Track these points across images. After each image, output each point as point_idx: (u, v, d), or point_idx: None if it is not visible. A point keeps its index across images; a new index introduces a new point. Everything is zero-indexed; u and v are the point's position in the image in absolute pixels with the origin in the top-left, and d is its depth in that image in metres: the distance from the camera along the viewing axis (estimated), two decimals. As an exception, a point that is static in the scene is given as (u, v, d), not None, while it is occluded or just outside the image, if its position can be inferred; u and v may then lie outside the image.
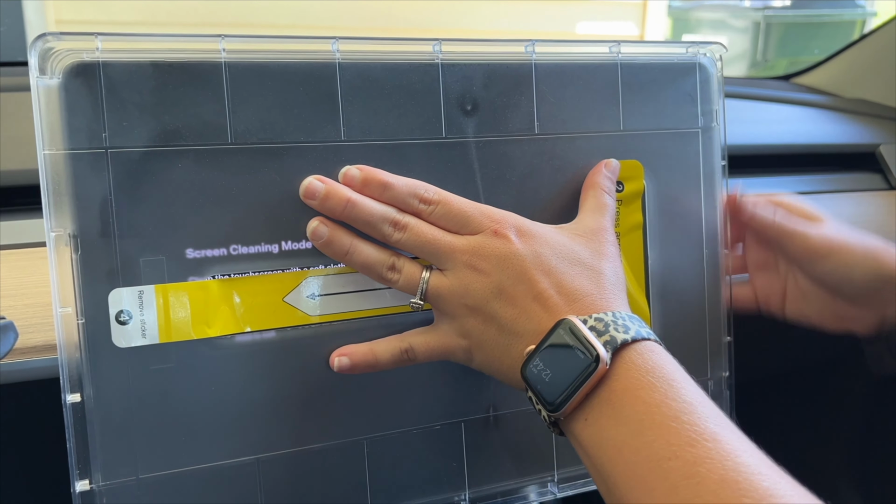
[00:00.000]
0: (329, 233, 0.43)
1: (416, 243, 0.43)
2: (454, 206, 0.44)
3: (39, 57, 0.38)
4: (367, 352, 0.44)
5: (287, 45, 0.43)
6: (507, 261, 0.42)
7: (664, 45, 0.52)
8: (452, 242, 0.43)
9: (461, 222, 0.43)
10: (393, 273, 0.44)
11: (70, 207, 0.39)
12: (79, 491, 0.40)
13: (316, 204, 0.43)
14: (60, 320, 0.39)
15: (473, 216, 0.43)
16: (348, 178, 0.43)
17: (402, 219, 0.43)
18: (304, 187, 0.43)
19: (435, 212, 0.44)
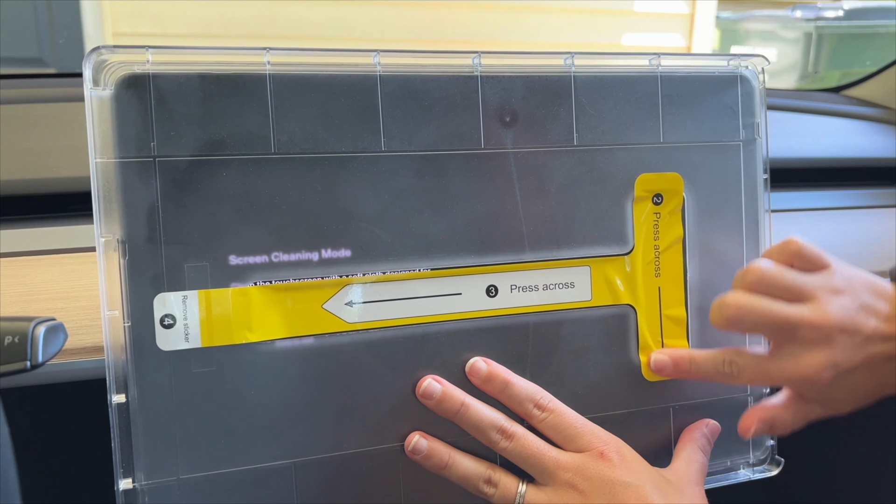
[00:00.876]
0: (428, 447, 0.45)
1: (521, 454, 0.45)
2: (566, 418, 0.46)
3: (93, 69, 0.40)
4: None
5: (329, 58, 0.44)
6: (609, 485, 0.43)
7: (705, 58, 0.52)
8: (557, 458, 0.44)
9: (569, 437, 0.45)
10: (489, 487, 0.45)
11: (119, 214, 0.41)
12: (122, 489, 0.41)
13: (432, 404, 0.45)
14: (108, 323, 0.41)
15: (583, 433, 0.45)
16: (474, 371, 0.46)
17: (510, 427, 0.45)
18: (423, 388, 0.45)
19: (547, 420, 0.45)
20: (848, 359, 0.43)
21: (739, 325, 0.44)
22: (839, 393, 0.45)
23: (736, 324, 0.44)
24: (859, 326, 0.43)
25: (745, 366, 0.46)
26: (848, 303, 0.43)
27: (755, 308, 0.43)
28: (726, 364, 0.47)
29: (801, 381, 0.44)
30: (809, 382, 0.44)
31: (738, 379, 0.47)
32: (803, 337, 0.43)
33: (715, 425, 0.52)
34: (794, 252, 0.46)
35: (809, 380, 0.44)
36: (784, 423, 0.48)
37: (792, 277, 0.44)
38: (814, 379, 0.43)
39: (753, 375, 0.46)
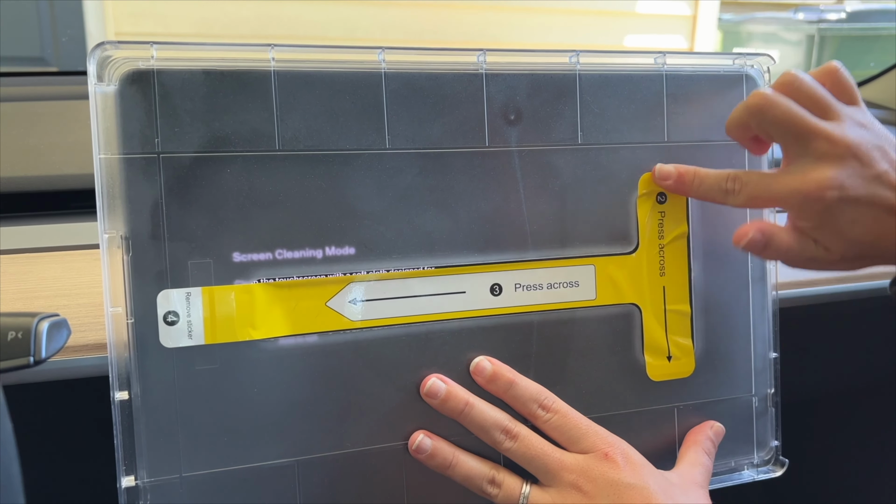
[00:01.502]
0: (433, 446, 0.45)
1: (524, 455, 0.45)
2: (571, 419, 0.46)
3: (98, 64, 0.40)
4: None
5: (334, 55, 0.44)
6: (613, 487, 0.43)
7: (710, 57, 0.52)
8: (561, 459, 0.44)
9: (574, 438, 0.45)
10: (492, 487, 0.45)
11: (123, 210, 0.41)
12: (124, 486, 0.41)
13: (436, 403, 0.45)
14: (111, 320, 0.41)
15: (588, 434, 0.45)
16: (479, 370, 0.46)
17: (514, 428, 0.45)
18: (427, 387, 0.45)
19: (551, 420, 0.45)
20: (854, 186, 0.41)
21: (760, 118, 0.43)
22: (837, 224, 0.42)
23: (756, 115, 0.43)
24: (873, 161, 0.42)
25: (749, 181, 0.45)
26: (867, 136, 0.43)
27: (780, 104, 0.43)
28: (729, 180, 0.45)
29: (804, 198, 0.42)
30: (811, 200, 0.42)
31: (738, 196, 0.45)
32: (816, 149, 0.42)
33: (720, 428, 0.52)
34: (832, 73, 0.45)
35: (812, 196, 0.42)
36: (780, 244, 0.44)
37: (822, 92, 0.44)
38: (816, 196, 0.42)
39: (755, 191, 0.44)
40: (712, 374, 0.52)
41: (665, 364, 0.51)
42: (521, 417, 0.47)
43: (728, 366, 0.53)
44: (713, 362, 0.52)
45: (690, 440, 0.51)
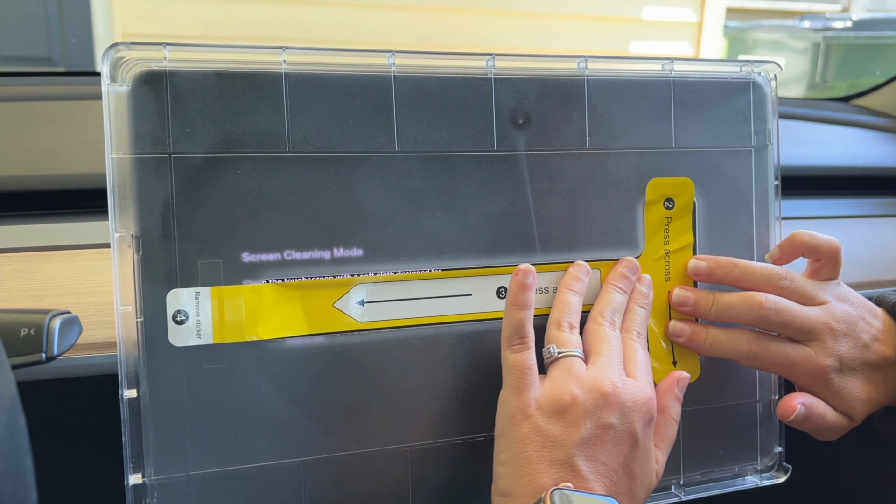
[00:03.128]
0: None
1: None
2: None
3: (111, 65, 0.40)
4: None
5: (345, 58, 0.44)
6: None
7: (718, 64, 0.52)
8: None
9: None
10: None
11: (134, 210, 0.41)
12: (132, 484, 0.41)
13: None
14: (120, 318, 0.41)
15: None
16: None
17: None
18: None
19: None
20: (850, 359, 0.49)
21: (765, 324, 0.49)
22: (845, 392, 0.49)
23: (762, 323, 0.49)
24: (859, 333, 0.49)
25: (769, 346, 0.49)
26: (852, 311, 0.50)
27: (779, 310, 0.48)
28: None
29: (811, 371, 0.48)
30: (819, 372, 0.48)
31: (755, 361, 0.49)
32: (818, 336, 0.49)
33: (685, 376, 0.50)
34: (833, 254, 0.51)
35: (819, 371, 0.48)
36: (818, 415, 0.49)
37: (807, 286, 0.50)
38: (822, 370, 0.48)
39: (775, 357, 0.49)
40: (716, 379, 0.52)
41: (670, 369, 0.51)
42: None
43: (732, 372, 0.53)
44: (717, 368, 0.52)
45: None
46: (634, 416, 0.43)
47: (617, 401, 0.42)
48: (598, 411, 0.42)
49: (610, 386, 0.43)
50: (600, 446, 0.42)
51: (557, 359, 0.44)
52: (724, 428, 0.53)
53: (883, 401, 0.50)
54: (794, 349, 0.48)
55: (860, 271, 0.67)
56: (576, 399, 0.42)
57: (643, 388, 0.44)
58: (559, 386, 0.43)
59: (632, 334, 0.47)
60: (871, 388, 0.49)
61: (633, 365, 0.46)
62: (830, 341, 0.48)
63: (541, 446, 0.41)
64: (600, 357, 0.45)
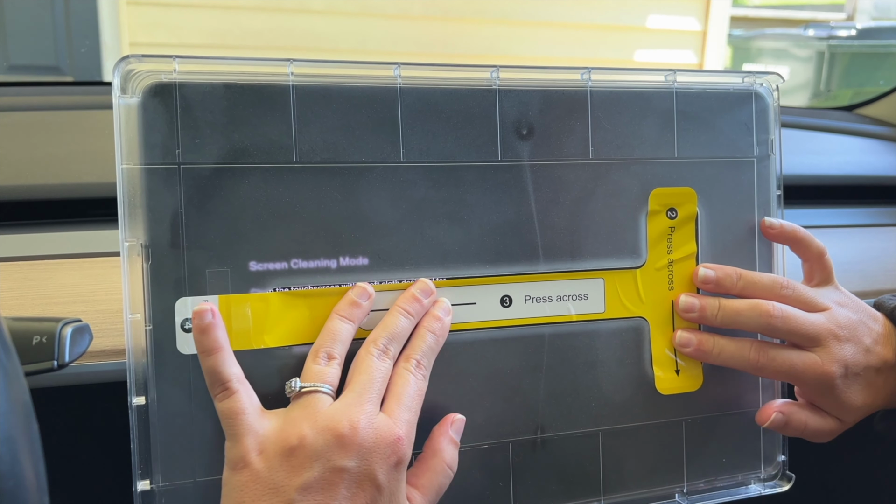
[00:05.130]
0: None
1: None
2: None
3: (122, 77, 0.41)
4: None
5: (351, 70, 0.45)
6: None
7: (720, 75, 0.52)
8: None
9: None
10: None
11: (143, 219, 0.41)
12: (140, 490, 0.42)
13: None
14: (130, 326, 0.41)
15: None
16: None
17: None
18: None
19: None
20: (855, 364, 0.49)
21: (771, 331, 0.49)
22: (845, 396, 0.49)
23: (768, 330, 0.49)
24: (861, 338, 0.50)
25: (776, 356, 0.50)
26: (853, 316, 0.50)
27: (785, 318, 0.49)
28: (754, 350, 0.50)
29: (817, 376, 0.49)
30: (825, 378, 0.49)
31: (764, 370, 0.50)
32: (824, 342, 0.49)
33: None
34: (819, 258, 0.52)
35: (825, 376, 0.48)
36: (798, 421, 0.50)
37: (809, 293, 0.50)
38: (828, 375, 0.48)
39: (782, 366, 0.49)
40: (720, 388, 0.53)
41: (673, 378, 0.51)
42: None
43: (735, 380, 0.53)
44: (721, 377, 0.53)
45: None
46: (375, 458, 0.39)
47: (353, 442, 0.39)
48: (329, 454, 0.38)
49: (347, 426, 0.39)
50: (330, 491, 0.38)
51: (299, 394, 0.41)
52: (727, 436, 0.53)
53: (880, 405, 0.51)
54: (799, 356, 0.49)
55: (863, 280, 0.68)
56: (304, 440, 0.38)
57: (392, 427, 0.40)
58: (287, 427, 0.39)
59: (409, 363, 0.43)
60: (870, 392, 0.50)
61: (393, 400, 0.41)
62: (835, 347, 0.49)
63: (260, 495, 0.38)
64: (352, 392, 0.41)
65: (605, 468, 0.50)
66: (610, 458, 0.50)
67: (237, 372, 0.41)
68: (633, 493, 0.51)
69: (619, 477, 0.51)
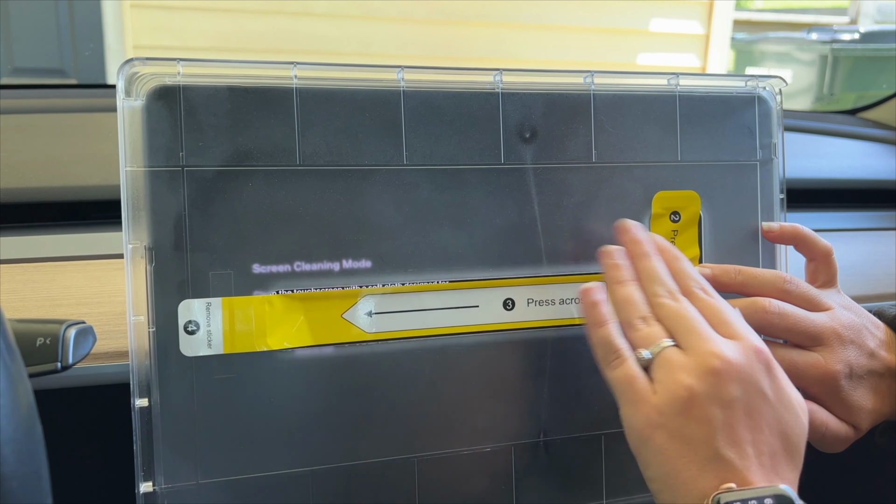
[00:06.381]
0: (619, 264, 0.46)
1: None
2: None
3: (126, 80, 0.41)
4: None
5: (355, 73, 0.45)
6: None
7: (723, 78, 0.52)
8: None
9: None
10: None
11: (147, 221, 0.42)
12: (142, 492, 0.42)
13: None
14: (133, 328, 0.42)
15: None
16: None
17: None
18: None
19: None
20: (858, 366, 0.48)
21: (770, 330, 0.48)
22: (852, 399, 0.48)
23: (766, 329, 0.48)
24: (865, 341, 0.49)
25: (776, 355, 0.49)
26: (855, 319, 0.49)
27: (784, 315, 0.48)
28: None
29: (821, 377, 0.48)
30: (829, 378, 0.47)
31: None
32: (827, 342, 0.48)
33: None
34: (826, 257, 0.52)
35: (828, 376, 0.47)
36: (820, 421, 0.48)
37: (812, 292, 0.49)
38: (832, 376, 0.47)
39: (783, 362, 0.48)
40: (723, 391, 0.53)
41: (676, 381, 0.51)
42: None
43: (738, 384, 0.53)
44: (724, 380, 0.52)
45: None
46: (755, 377, 0.40)
47: (730, 371, 0.39)
48: (720, 392, 0.39)
49: (716, 361, 0.39)
50: (738, 425, 0.39)
51: (653, 360, 0.42)
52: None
53: (887, 412, 0.50)
54: (800, 355, 0.48)
55: (866, 284, 0.68)
56: (692, 389, 0.39)
57: (746, 342, 0.41)
58: (671, 385, 0.40)
59: (695, 294, 0.44)
60: (877, 398, 0.49)
61: (721, 324, 0.42)
62: (839, 347, 0.48)
63: (682, 452, 0.39)
64: (686, 334, 0.41)
65: (607, 472, 0.50)
66: (612, 462, 0.50)
67: (626, 342, 0.43)
68: (636, 496, 0.51)
69: (622, 480, 0.51)
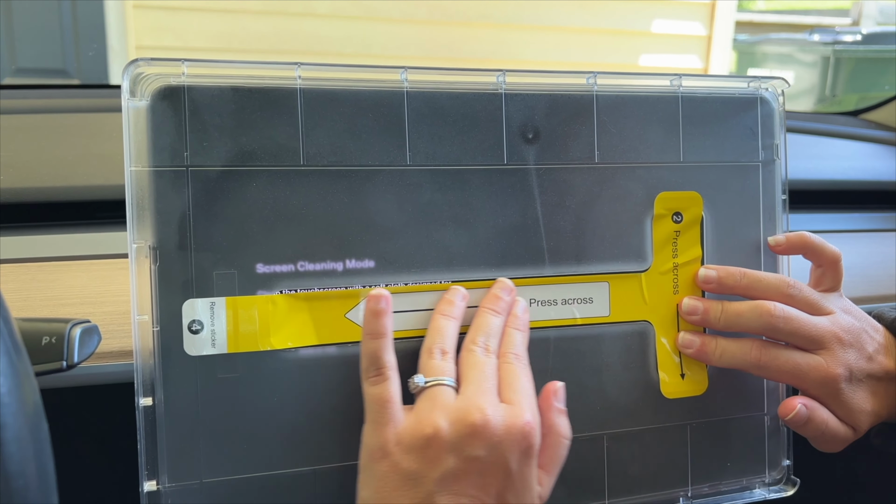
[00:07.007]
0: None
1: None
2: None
3: (131, 80, 0.41)
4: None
5: (358, 74, 0.45)
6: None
7: (726, 79, 0.53)
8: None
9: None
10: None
11: (151, 221, 0.42)
12: (146, 491, 0.42)
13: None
14: (137, 327, 0.42)
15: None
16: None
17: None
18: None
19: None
20: (858, 369, 0.49)
21: (774, 333, 0.49)
22: (852, 401, 0.49)
23: (770, 331, 0.49)
24: (864, 345, 0.50)
25: (778, 356, 0.49)
26: (856, 323, 0.50)
27: (788, 319, 0.48)
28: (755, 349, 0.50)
29: (822, 378, 0.48)
30: (829, 380, 0.48)
31: (765, 370, 0.49)
32: (828, 345, 0.49)
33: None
34: (833, 263, 0.52)
35: (829, 378, 0.48)
36: (821, 419, 0.49)
37: (814, 295, 0.50)
38: (833, 378, 0.48)
39: (784, 365, 0.49)
40: (725, 392, 0.53)
41: (679, 381, 0.51)
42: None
43: (740, 384, 0.53)
44: (726, 381, 0.53)
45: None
46: (506, 446, 0.40)
47: (486, 431, 0.39)
48: (463, 444, 0.39)
49: (478, 416, 0.39)
50: (465, 479, 0.39)
51: (424, 389, 0.42)
52: (732, 440, 0.53)
53: (884, 415, 0.51)
54: (803, 357, 0.49)
55: (868, 285, 0.68)
56: (439, 432, 0.39)
57: (519, 413, 0.41)
58: (422, 419, 0.40)
59: (508, 357, 0.44)
60: (876, 400, 0.50)
61: (509, 390, 0.42)
62: (839, 350, 0.49)
63: (399, 485, 0.39)
64: (471, 385, 0.42)
65: (609, 472, 0.50)
66: (614, 462, 0.50)
67: (394, 361, 0.43)
68: (638, 496, 0.51)
69: (624, 480, 0.51)
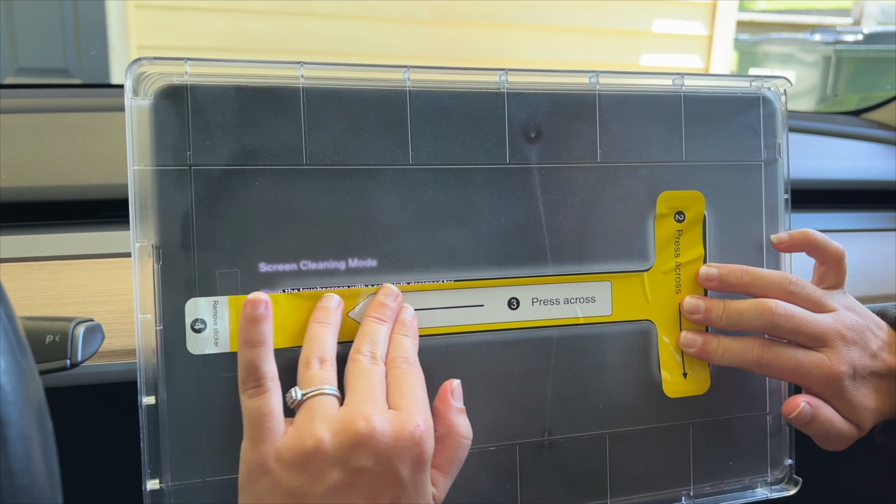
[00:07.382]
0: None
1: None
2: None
3: (134, 79, 0.41)
4: None
5: (361, 73, 0.45)
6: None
7: (728, 79, 0.53)
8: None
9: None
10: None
11: (154, 220, 0.42)
12: (149, 489, 0.42)
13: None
14: (140, 326, 0.42)
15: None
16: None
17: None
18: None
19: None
20: (862, 366, 0.49)
21: (776, 331, 0.49)
22: (856, 399, 0.49)
23: (772, 330, 0.49)
24: (868, 342, 0.50)
25: (780, 354, 0.49)
26: (859, 320, 0.50)
27: (790, 316, 0.48)
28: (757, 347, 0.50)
29: (825, 376, 0.48)
30: (833, 378, 0.48)
31: (767, 368, 0.49)
32: (831, 342, 0.49)
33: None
34: (837, 261, 0.52)
35: (832, 376, 0.48)
36: (825, 418, 0.49)
37: (817, 293, 0.50)
38: (836, 376, 0.48)
39: (787, 363, 0.49)
40: (727, 391, 0.53)
41: (681, 381, 0.51)
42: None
43: (743, 384, 0.53)
44: (728, 380, 0.53)
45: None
46: (396, 455, 0.38)
47: (372, 440, 0.37)
48: (348, 455, 0.37)
49: (364, 424, 0.37)
50: (353, 493, 0.37)
51: (303, 401, 0.39)
52: (734, 440, 0.53)
53: (887, 412, 0.50)
54: (806, 355, 0.48)
55: (870, 285, 0.68)
56: (320, 444, 0.37)
57: (408, 418, 0.39)
58: (302, 432, 0.38)
59: (397, 362, 0.42)
60: (879, 398, 0.50)
61: (398, 395, 0.40)
62: (843, 348, 0.48)
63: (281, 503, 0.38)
64: (356, 393, 0.39)
65: (611, 471, 0.50)
66: (617, 461, 0.50)
67: (274, 371, 0.40)
68: (640, 495, 0.51)
69: (626, 480, 0.51)
